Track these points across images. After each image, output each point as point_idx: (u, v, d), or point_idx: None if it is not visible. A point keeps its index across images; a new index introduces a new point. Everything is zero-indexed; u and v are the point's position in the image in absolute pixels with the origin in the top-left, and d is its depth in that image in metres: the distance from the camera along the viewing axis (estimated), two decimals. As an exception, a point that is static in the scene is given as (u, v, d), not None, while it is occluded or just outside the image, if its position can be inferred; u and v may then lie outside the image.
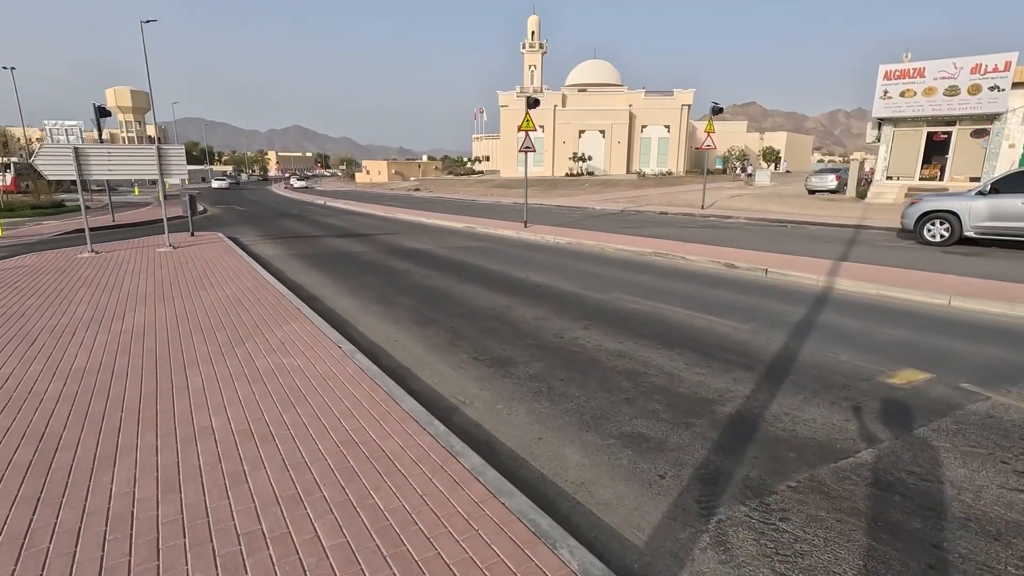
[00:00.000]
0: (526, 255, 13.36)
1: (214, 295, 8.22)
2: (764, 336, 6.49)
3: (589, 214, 25.71)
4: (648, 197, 34.53)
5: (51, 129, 40.21)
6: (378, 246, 15.01)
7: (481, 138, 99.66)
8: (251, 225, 21.19)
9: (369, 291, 9.17)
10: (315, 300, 8.41)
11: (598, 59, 78.20)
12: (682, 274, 10.70)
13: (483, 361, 5.68)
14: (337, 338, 5.93)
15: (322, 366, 5.10)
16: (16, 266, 11.03)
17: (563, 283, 9.79)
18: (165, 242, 13.72)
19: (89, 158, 12.14)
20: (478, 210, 29.16)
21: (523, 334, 6.64)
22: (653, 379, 5.15)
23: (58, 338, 6.06)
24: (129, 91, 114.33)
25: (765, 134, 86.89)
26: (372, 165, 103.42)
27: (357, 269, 11.34)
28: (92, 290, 8.64)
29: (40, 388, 4.61)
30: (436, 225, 21.61)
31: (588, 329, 6.83)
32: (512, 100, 68.97)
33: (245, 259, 11.70)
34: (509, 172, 69.23)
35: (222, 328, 6.39)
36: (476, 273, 10.83)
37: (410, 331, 6.82)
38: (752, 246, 13.75)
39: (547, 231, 18.02)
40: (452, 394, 4.82)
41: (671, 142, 64.86)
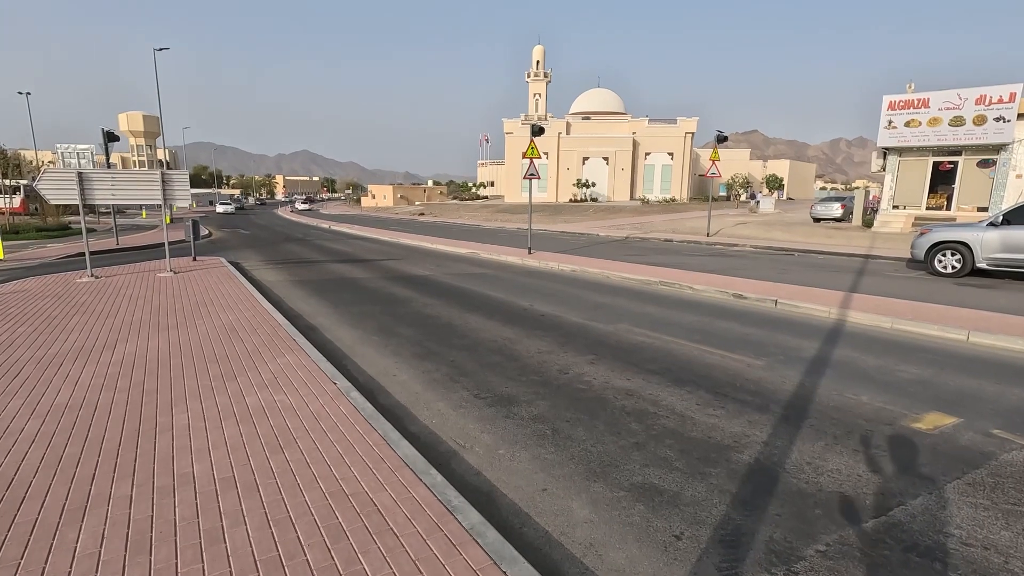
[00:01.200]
0: (530, 283, 13.15)
1: (210, 324, 8.01)
2: (778, 373, 6.21)
3: (594, 241, 25.59)
4: (652, 224, 34.46)
5: (63, 152, 40.64)
6: (380, 272, 14.85)
7: (486, 164, 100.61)
8: (254, 249, 21.12)
9: (369, 320, 8.94)
10: (313, 330, 8.18)
11: (602, 88, 79.35)
12: (690, 304, 10.45)
13: (485, 399, 5.41)
14: (332, 373, 5.69)
15: (315, 404, 4.84)
16: (14, 291, 10.88)
17: (568, 313, 9.55)
18: (166, 267, 13.59)
19: (93, 183, 12.10)
20: (482, 236, 29.11)
21: (527, 369, 6.38)
22: (664, 421, 4.87)
23: (43, 370, 5.84)
24: (141, 116, 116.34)
25: (768, 162, 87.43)
26: (378, 190, 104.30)
27: (358, 297, 11.13)
28: (86, 317, 8.45)
29: (16, 427, 4.37)
30: (440, 251, 21.49)
31: (595, 364, 6.57)
32: (517, 127, 69.76)
33: (245, 285, 11.53)
34: (513, 197, 69.62)
35: (215, 360, 6.16)
36: (479, 302, 10.61)
37: (410, 364, 6.57)
38: (760, 275, 13.51)
39: (552, 258, 17.85)
40: (452, 437, 4.55)
41: (674, 169, 65.23)
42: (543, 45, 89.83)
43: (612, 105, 75.13)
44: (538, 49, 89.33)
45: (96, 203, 12.38)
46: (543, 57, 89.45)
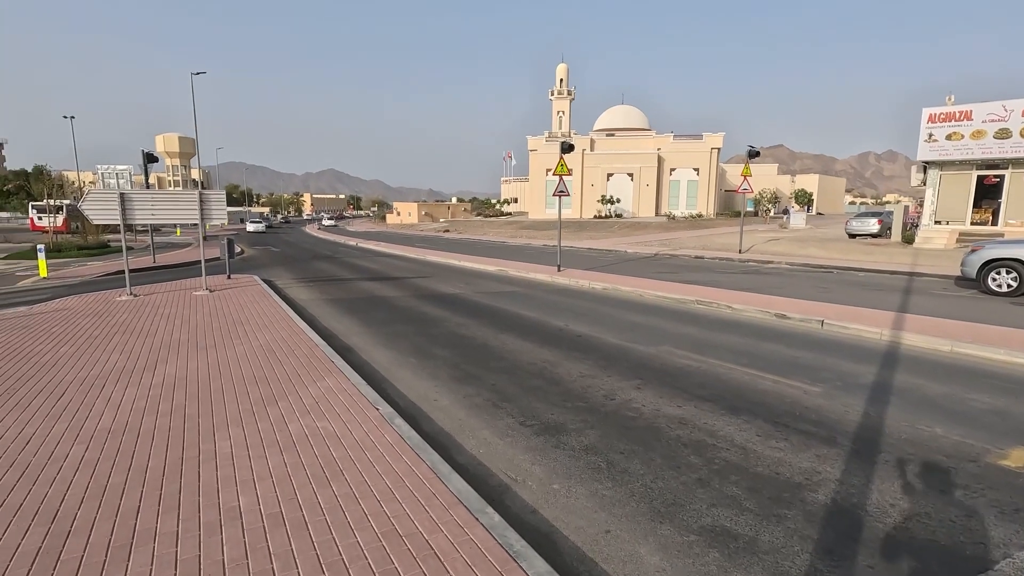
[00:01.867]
0: (562, 301, 12.93)
1: (247, 344, 7.97)
2: (839, 401, 5.85)
3: (622, 257, 25.27)
4: (680, 240, 33.96)
5: (103, 173, 42.09)
6: (410, 290, 14.79)
7: (510, 181, 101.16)
8: (285, 267, 21.36)
9: (404, 341, 8.82)
10: (349, 351, 8.08)
11: (626, 104, 79.37)
12: (730, 325, 10.09)
13: (531, 427, 5.19)
14: (374, 398, 5.54)
15: (359, 432, 4.68)
16: (57, 309, 11.09)
17: (605, 334, 9.29)
18: (202, 285, 13.75)
19: (134, 203, 12.35)
20: (508, 252, 29.02)
21: (571, 394, 6.14)
22: (724, 454, 4.58)
23: (86, 392, 5.82)
24: (177, 137, 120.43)
25: (796, 176, 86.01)
26: (402, 207, 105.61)
27: (390, 316, 11.05)
28: (126, 337, 8.50)
29: (61, 453, 4.30)
30: (468, 268, 21.43)
31: (641, 389, 6.30)
32: (541, 144, 70.04)
33: (279, 304, 11.56)
34: (537, 214, 69.64)
35: (254, 383, 6.07)
36: (513, 321, 10.42)
37: (449, 389, 6.39)
38: (800, 294, 13.05)
39: (581, 276, 17.61)
40: (501, 469, 4.33)
41: (700, 185, 64.52)
42: (566, 63, 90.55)
43: (636, 121, 75.00)
44: (561, 67, 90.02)
45: (136, 223, 12.62)
46: (567, 75, 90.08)
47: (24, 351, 7.61)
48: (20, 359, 7.19)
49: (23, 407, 5.38)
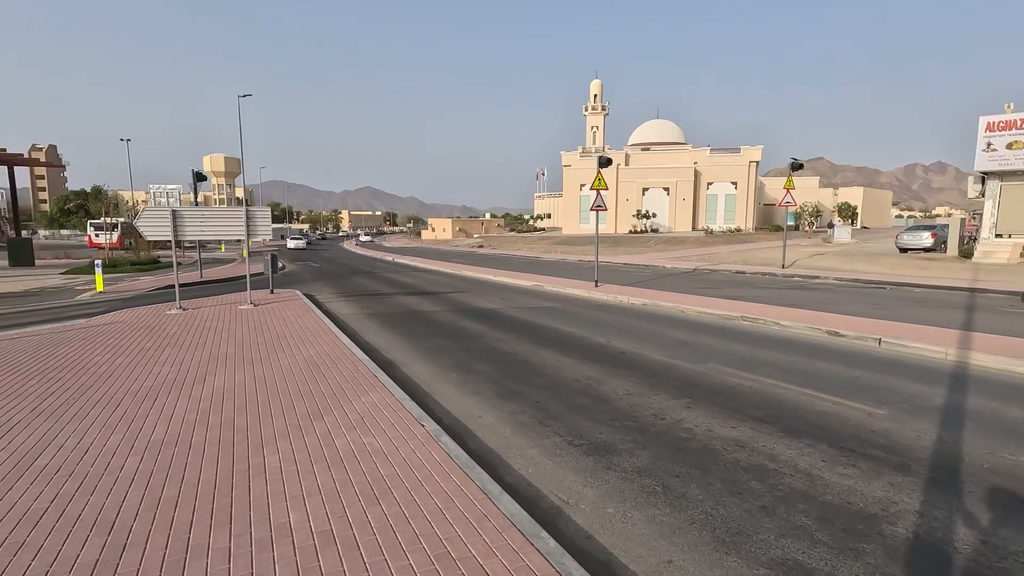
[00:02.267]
0: (602, 317, 12.71)
1: (292, 358, 8.06)
2: (908, 426, 5.48)
3: (660, 273, 24.84)
4: (719, 255, 33.22)
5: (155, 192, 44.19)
6: (448, 305, 14.82)
7: (543, 196, 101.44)
8: (326, 282, 21.77)
9: (444, 356, 8.78)
10: (391, 366, 8.08)
11: (661, 119, 78.84)
12: (779, 342, 9.69)
13: (579, 447, 5.02)
14: (419, 414, 5.47)
15: (406, 449, 4.61)
16: (112, 322, 11.51)
17: (649, 351, 9.04)
18: (247, 299, 14.10)
19: (184, 220, 12.79)
20: (544, 268, 28.92)
21: (618, 413, 5.94)
22: (788, 480, 4.31)
23: (140, 403, 5.95)
24: (223, 158, 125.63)
25: (839, 189, 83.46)
26: (437, 223, 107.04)
27: (430, 330, 11.06)
28: (176, 349, 8.73)
29: (117, 464, 4.37)
30: (504, 283, 21.40)
31: (691, 409, 6.06)
32: (575, 160, 70.08)
33: (321, 318, 11.72)
34: (571, 229, 69.45)
35: (300, 397, 6.09)
36: (553, 337, 10.27)
37: (492, 405, 6.28)
38: (852, 311, 12.49)
39: (619, 291, 17.33)
40: (552, 490, 4.18)
41: (739, 199, 63.25)
42: (600, 79, 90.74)
43: (672, 135, 74.34)
44: (595, 83, 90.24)
45: (186, 239, 13.06)
46: (600, 91, 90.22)
47: (82, 362, 7.88)
48: (79, 370, 7.44)
49: (82, 417, 5.52)
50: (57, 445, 4.78)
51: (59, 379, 6.99)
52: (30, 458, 4.53)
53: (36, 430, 5.17)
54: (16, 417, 5.54)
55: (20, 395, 6.31)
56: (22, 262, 27.63)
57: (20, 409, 5.80)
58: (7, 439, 4.97)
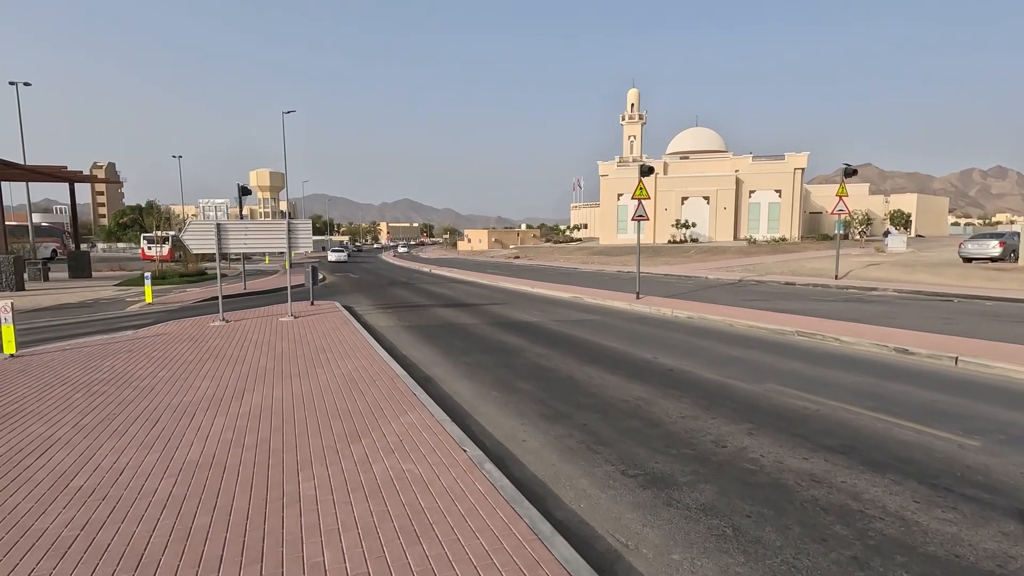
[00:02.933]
0: (646, 331, 12.20)
1: (330, 373, 7.90)
2: (1009, 460, 4.84)
3: (703, 284, 24.02)
4: (764, 265, 32.01)
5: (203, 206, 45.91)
6: (487, 318, 14.56)
7: (579, 206, 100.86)
8: (364, 293, 21.88)
9: (485, 372, 8.47)
10: (429, 382, 7.82)
11: (700, 126, 77.33)
12: (841, 360, 9.00)
13: (634, 478, 4.60)
14: (460, 437, 5.16)
15: (447, 477, 4.30)
16: (157, 333, 11.70)
17: (699, 368, 8.52)
18: (287, 311, 14.18)
19: (229, 233, 12.98)
20: (581, 279, 28.43)
21: (674, 439, 5.49)
22: (879, 525, 3.79)
23: (178, 420, 5.85)
24: (268, 172, 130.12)
25: (891, 196, 79.91)
26: (473, 234, 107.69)
27: (469, 344, 10.79)
28: (217, 363, 8.71)
29: (150, 488, 4.21)
30: (541, 295, 21.05)
31: (754, 436, 5.55)
32: (612, 169, 69.37)
33: (359, 331, 11.62)
34: (608, 239, 68.61)
35: (337, 416, 5.88)
36: (596, 352, 9.84)
37: (537, 427, 5.91)
38: (918, 326, 11.60)
39: (662, 303, 16.73)
40: (608, 530, 3.78)
41: (783, 207, 61.20)
42: (637, 88, 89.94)
43: (712, 143, 72.77)
44: (633, 92, 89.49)
45: (231, 251, 13.23)
46: (638, 100, 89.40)
47: (127, 375, 7.93)
48: (123, 383, 7.46)
49: (120, 434, 5.44)
50: (94, 464, 4.68)
51: (103, 392, 7.00)
52: (67, 478, 4.42)
53: (75, 448, 5.09)
54: (59, 433, 5.50)
55: (65, 409, 6.32)
56: (80, 274, 28.94)
57: (63, 424, 5.78)
58: (47, 456, 4.91)
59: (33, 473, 4.53)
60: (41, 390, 7.18)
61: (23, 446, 5.17)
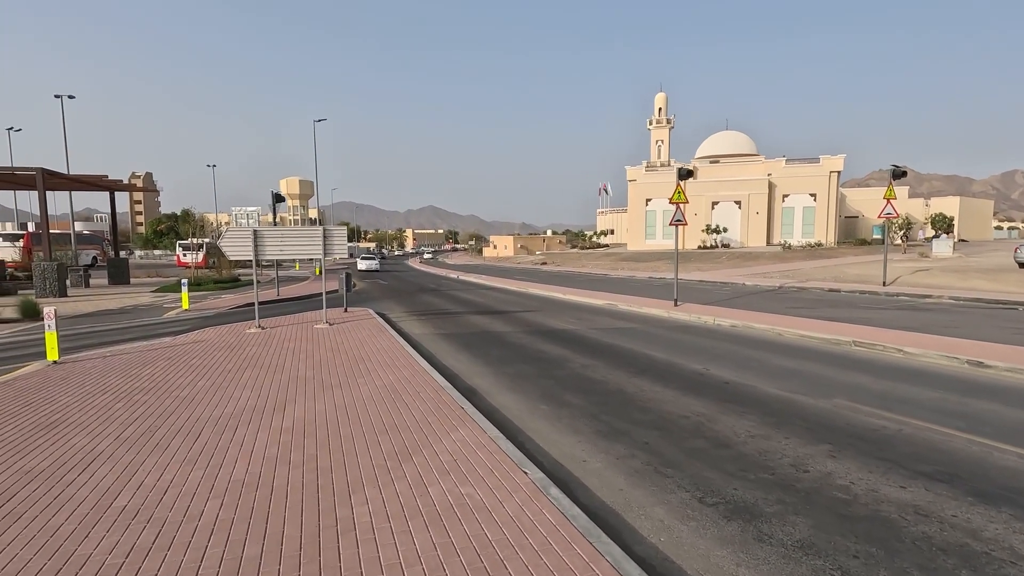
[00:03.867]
0: (689, 340, 11.69)
1: (371, 384, 7.64)
2: None
3: (741, 291, 23.27)
4: (803, 271, 30.98)
5: (236, 214, 46.79)
6: (522, 326, 14.21)
7: (605, 212, 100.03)
8: (395, 300, 21.76)
9: (529, 384, 8.11)
10: (474, 394, 7.49)
11: (731, 130, 75.91)
12: (910, 373, 8.39)
13: (714, 507, 4.18)
14: (519, 458, 4.80)
15: (512, 505, 3.94)
16: (195, 340, 11.66)
17: (755, 381, 8.01)
18: (322, 318, 14.07)
19: (265, 240, 12.93)
20: (613, 285, 27.89)
21: (747, 461, 5.04)
22: (1012, 572, 3.30)
23: (221, 433, 5.63)
24: (298, 181, 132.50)
25: (931, 199, 77.16)
26: (499, 240, 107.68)
27: (509, 353, 10.44)
28: (257, 371, 8.54)
29: (196, 509, 3.96)
30: (574, 302, 20.62)
31: (837, 459, 5.06)
32: (640, 174, 68.52)
33: (396, 339, 11.39)
34: (636, 245, 67.67)
35: (385, 432, 5.58)
36: (643, 363, 9.40)
37: (596, 446, 5.52)
38: (986, 336, 10.86)
39: (701, 310, 16.15)
40: (699, 570, 3.36)
41: (818, 211, 59.46)
42: (665, 92, 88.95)
43: (743, 147, 71.31)
44: (660, 97, 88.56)
45: (266, 258, 13.18)
46: (665, 104, 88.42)
47: (167, 384, 7.80)
48: (163, 393, 7.33)
49: (163, 448, 5.24)
50: (137, 482, 4.46)
51: (143, 402, 6.86)
52: (110, 496, 4.21)
53: (118, 462, 4.90)
54: (101, 446, 5.33)
55: (107, 419, 6.17)
56: (119, 280, 29.60)
57: (106, 436, 5.62)
58: (91, 471, 4.72)
59: (76, 490, 4.33)
60: (83, 399, 7.08)
61: (66, 459, 5.00)
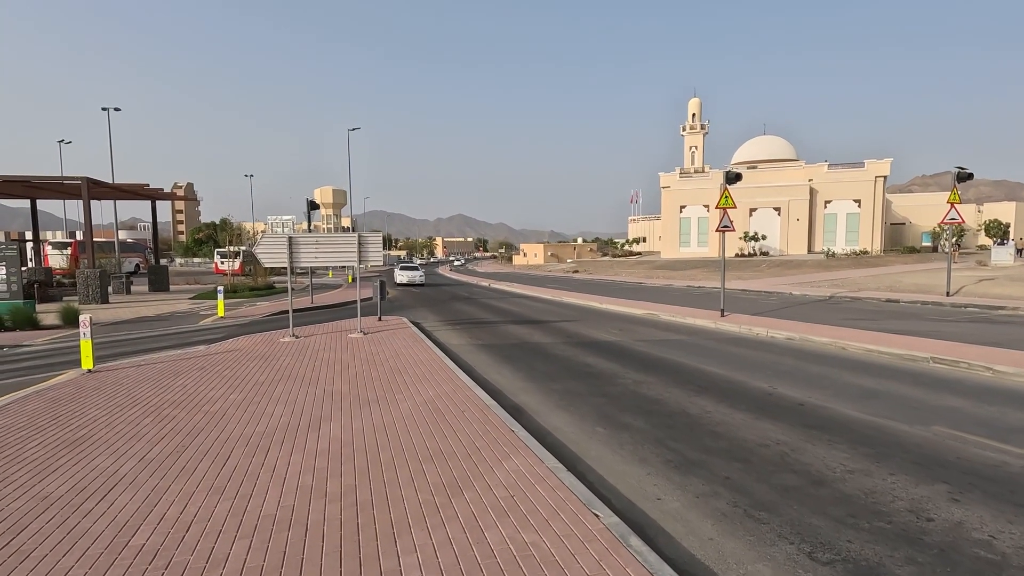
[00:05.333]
0: (746, 354, 10.83)
1: (412, 400, 7.10)
2: None
3: (789, 300, 22.09)
4: (852, 280, 29.42)
5: (272, 223, 47.47)
6: (563, 337, 13.55)
7: (637, 219, 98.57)
8: (428, 308, 21.36)
9: (581, 402, 7.44)
10: (521, 413, 6.87)
11: (769, 135, 73.83)
12: (1009, 397, 7.42)
13: (831, 566, 3.44)
14: (586, 496, 4.15)
15: (586, 558, 3.30)
16: (229, 349, 11.38)
17: (832, 402, 7.17)
18: (357, 327, 13.69)
19: (300, 247, 12.64)
20: (650, 294, 26.96)
21: (854, 504, 4.27)
22: None
23: (251, 455, 5.15)
24: (331, 190, 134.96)
25: (984, 205, 73.42)
26: (529, 248, 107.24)
27: (553, 367, 9.80)
28: (290, 384, 8.12)
29: (221, 552, 3.44)
30: (613, 311, 19.85)
31: (961, 502, 4.25)
32: (674, 181, 67.20)
33: (433, 350, 10.88)
34: (670, 253, 66.24)
35: (430, 459, 5.00)
36: (701, 380, 8.63)
37: (669, 480, 4.83)
38: (1091, 354, 9.70)
39: (751, 321, 15.21)
40: (836, 660, 2.67)
41: (863, 217, 57.11)
42: (699, 98, 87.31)
43: (782, 152, 69.21)
44: (694, 102, 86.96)
45: (302, 265, 12.89)
46: (699, 109, 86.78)
47: (198, 397, 7.43)
48: (193, 407, 6.94)
49: (189, 472, 4.78)
50: (159, 515, 3.98)
51: (172, 418, 6.47)
52: (127, 532, 3.73)
53: (140, 488, 4.45)
54: (124, 468, 4.91)
55: (133, 437, 5.78)
56: (159, 287, 30.13)
57: (130, 456, 5.20)
58: (110, 499, 4.28)
59: (92, 523, 3.88)
60: (112, 412, 6.74)
61: (86, 483, 4.58)
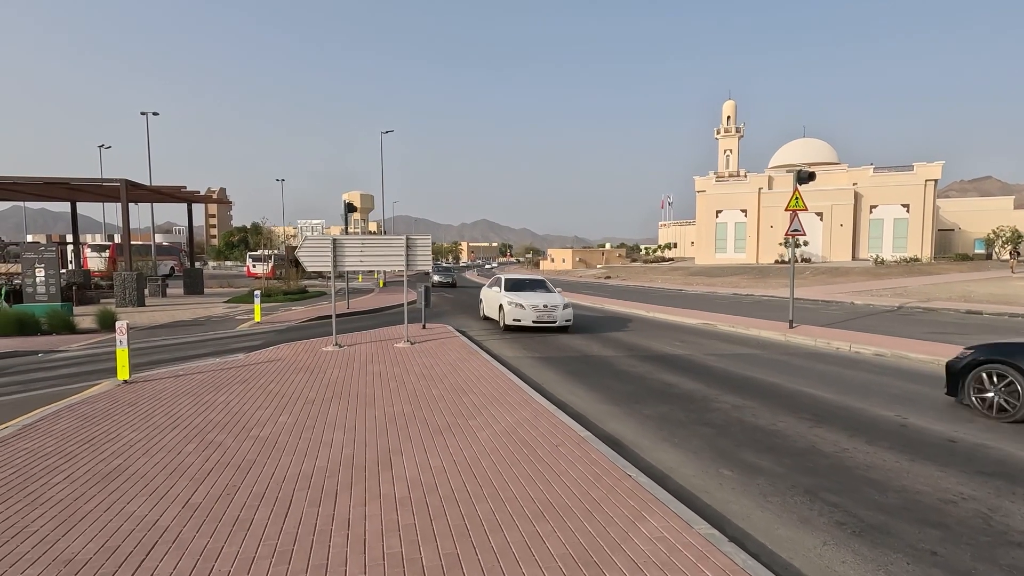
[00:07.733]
0: (839, 374, 9.59)
1: (490, 428, 6.09)
2: None
3: (852, 311, 20.54)
4: (914, 289, 27.57)
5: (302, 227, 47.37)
6: (623, 349, 12.42)
7: (668, 224, 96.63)
8: (469, 315, 20.42)
9: (686, 433, 6.32)
10: (620, 447, 5.79)
11: (808, 137, 71.34)
12: None
13: None
14: (781, 589, 3.07)
15: None
16: (270, 359, 10.57)
17: (992, 439, 5.93)
18: (402, 335, 12.80)
19: (344, 250, 11.82)
20: (695, 302, 25.58)
21: None
22: None
23: (317, 504, 4.18)
24: (359, 195, 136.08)
25: (1040, 211, 69.58)
26: (556, 253, 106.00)
27: (631, 387, 8.69)
28: (344, 404, 7.19)
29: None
30: (663, 320, 18.63)
31: None
32: (709, 185, 65.34)
33: (493, 364, 9.87)
34: (705, 259, 64.33)
35: (541, 516, 3.96)
36: (808, 404, 7.43)
37: (857, 555, 3.67)
38: None
39: (824, 334, 13.89)
40: None
41: (911, 223, 54.45)
42: (734, 100, 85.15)
43: (823, 155, 66.73)
44: (728, 104, 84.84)
45: (346, 269, 12.07)
46: (734, 112, 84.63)
47: (243, 418, 6.54)
48: (240, 431, 6.05)
49: (243, 528, 3.83)
50: (212, 596, 3.03)
51: (218, 445, 5.58)
52: (173, 625, 2.78)
53: (186, 552, 3.51)
54: (165, 518, 3.99)
55: (175, 472, 4.89)
56: (194, 290, 29.87)
57: (172, 499, 4.30)
58: (148, 567, 3.35)
59: (127, 607, 2.94)
60: (150, 436, 5.89)
61: (119, 541, 3.67)
